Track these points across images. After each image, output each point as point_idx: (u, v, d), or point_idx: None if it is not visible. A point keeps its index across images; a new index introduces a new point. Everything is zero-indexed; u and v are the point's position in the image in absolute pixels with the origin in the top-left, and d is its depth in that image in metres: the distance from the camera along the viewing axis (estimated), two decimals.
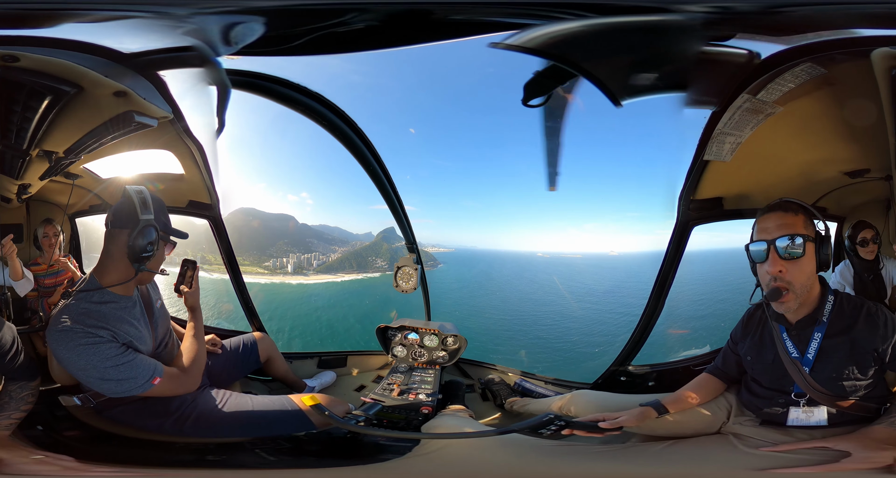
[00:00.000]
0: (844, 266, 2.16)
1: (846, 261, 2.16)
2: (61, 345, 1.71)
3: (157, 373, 1.80)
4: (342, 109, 2.45)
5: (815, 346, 1.70)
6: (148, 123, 1.97)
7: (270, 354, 2.51)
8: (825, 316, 1.70)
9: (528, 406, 2.40)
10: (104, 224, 1.85)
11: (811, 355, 1.70)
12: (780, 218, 1.70)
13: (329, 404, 2.01)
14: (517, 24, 1.82)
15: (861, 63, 1.70)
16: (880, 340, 1.64)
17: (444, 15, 1.80)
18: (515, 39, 1.85)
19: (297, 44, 1.89)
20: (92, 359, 1.71)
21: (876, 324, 1.66)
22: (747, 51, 1.81)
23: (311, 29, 1.82)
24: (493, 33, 1.86)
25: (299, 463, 1.91)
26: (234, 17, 1.76)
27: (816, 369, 1.69)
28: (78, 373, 1.77)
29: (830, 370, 1.67)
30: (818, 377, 1.68)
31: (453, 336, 2.70)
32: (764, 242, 1.70)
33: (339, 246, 3.62)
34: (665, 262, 2.30)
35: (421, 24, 1.85)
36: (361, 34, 1.86)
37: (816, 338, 1.70)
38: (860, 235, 2.11)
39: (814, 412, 1.71)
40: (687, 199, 2.18)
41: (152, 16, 1.68)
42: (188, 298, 2.02)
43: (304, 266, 3.53)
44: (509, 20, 1.83)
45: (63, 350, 1.71)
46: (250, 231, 3.01)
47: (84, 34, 1.72)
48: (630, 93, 1.97)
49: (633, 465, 1.74)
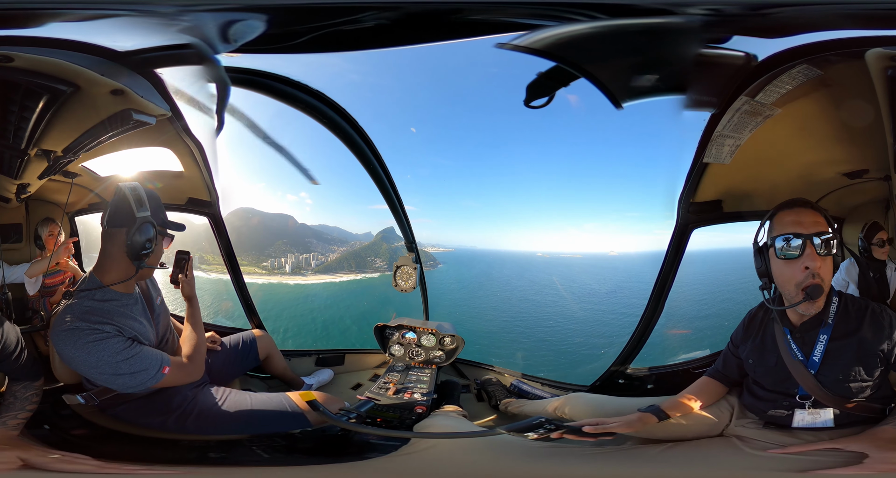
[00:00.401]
0: (850, 264, 2.15)
1: (851, 259, 2.15)
2: (68, 344, 1.72)
3: (165, 362, 1.83)
4: (343, 108, 2.45)
5: (820, 348, 1.67)
6: (146, 120, 1.98)
7: (269, 352, 2.52)
8: (830, 318, 1.68)
9: (523, 408, 2.39)
10: (100, 224, 1.85)
11: (817, 358, 1.68)
12: (812, 215, 1.66)
13: (325, 401, 2.03)
14: (522, 25, 1.82)
15: (856, 64, 1.69)
16: (886, 340, 1.62)
17: (450, 15, 1.79)
18: (522, 40, 1.85)
19: (301, 41, 1.88)
20: (102, 355, 1.72)
21: (881, 325, 1.64)
22: (744, 53, 1.79)
23: (316, 27, 1.82)
24: (498, 34, 1.86)
25: (293, 460, 1.92)
26: (233, 15, 1.76)
27: (823, 372, 1.67)
28: (90, 371, 1.78)
29: (837, 372, 1.65)
30: (825, 380, 1.66)
31: (451, 336, 2.70)
32: (800, 236, 1.64)
33: (339, 246, 3.61)
34: (664, 265, 2.29)
35: (428, 24, 1.84)
36: (367, 33, 1.85)
37: (822, 340, 1.67)
38: (877, 236, 2.10)
39: (820, 414, 1.69)
40: (686, 201, 2.17)
41: (142, 14, 1.68)
42: (184, 288, 2.04)
43: (303, 266, 3.53)
44: (513, 20, 1.82)
45: (71, 349, 1.72)
46: (248, 230, 3.02)
47: (76, 33, 1.73)
48: (630, 95, 1.97)
49: (628, 467, 1.73)
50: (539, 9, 1.75)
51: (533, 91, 2.08)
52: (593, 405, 2.06)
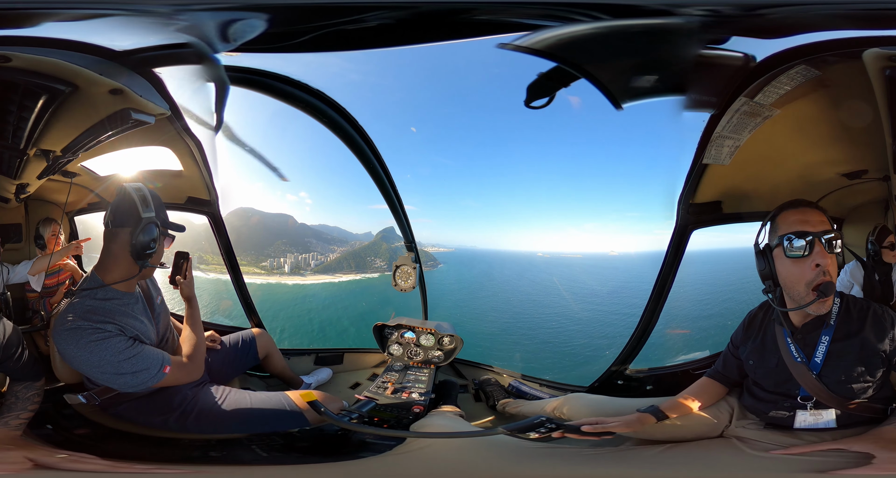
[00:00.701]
0: (855, 266, 2.14)
1: (855, 261, 2.15)
2: (70, 343, 1.72)
3: (166, 361, 1.83)
4: (343, 107, 2.45)
5: (822, 349, 1.67)
6: (145, 120, 1.98)
7: (269, 351, 2.52)
8: (833, 319, 1.68)
9: (521, 408, 2.39)
10: (103, 223, 1.85)
11: (819, 359, 1.67)
12: (817, 214, 1.66)
13: (324, 400, 2.03)
14: (523, 25, 1.82)
15: (854, 64, 1.68)
16: (888, 341, 1.62)
17: (452, 16, 1.79)
18: (524, 41, 1.85)
19: (301, 41, 1.88)
20: (104, 354, 1.72)
21: (884, 326, 1.63)
22: (743, 54, 1.79)
23: (317, 26, 1.82)
24: (501, 34, 1.86)
25: (291, 459, 1.92)
26: (233, 14, 1.76)
27: (825, 373, 1.66)
28: (92, 371, 1.78)
29: (839, 373, 1.65)
30: (827, 381, 1.66)
31: (449, 336, 2.70)
32: (810, 234, 1.63)
33: (339, 246, 3.60)
34: (664, 266, 2.29)
35: (430, 24, 1.84)
36: (369, 33, 1.85)
37: (824, 341, 1.67)
38: (888, 239, 2.08)
39: (822, 415, 1.68)
40: (686, 202, 2.17)
41: (140, 13, 1.68)
42: (184, 288, 2.04)
43: (302, 266, 3.52)
44: (515, 20, 1.82)
45: (73, 348, 1.72)
46: (248, 230, 3.02)
47: (73, 32, 1.73)
48: (630, 95, 1.96)
49: (626, 468, 1.72)
50: (540, 9, 1.75)
51: (534, 91, 2.08)
52: (592, 406, 2.05)
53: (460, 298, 3.86)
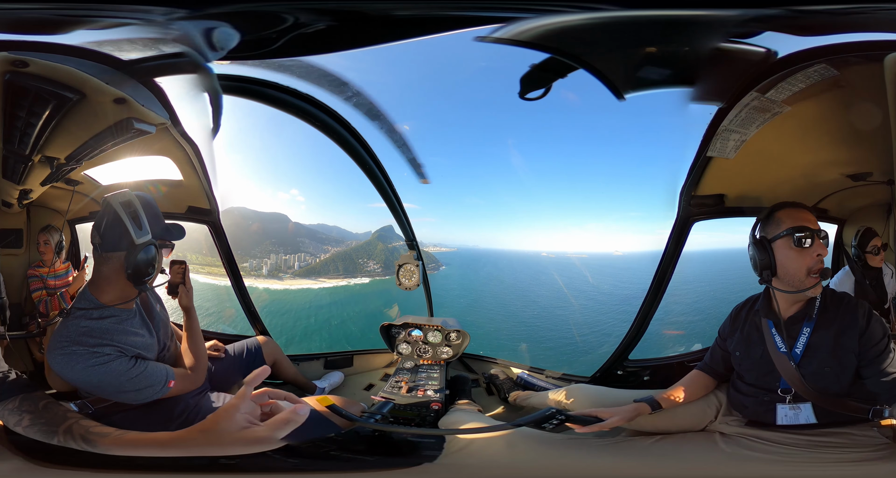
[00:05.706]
0: (845, 274, 2.16)
1: (846, 268, 2.16)
2: (68, 368, 1.65)
3: (170, 376, 1.80)
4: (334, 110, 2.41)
5: (803, 341, 1.75)
6: (147, 129, 1.92)
7: (276, 358, 2.49)
8: (815, 311, 1.76)
9: (529, 399, 2.45)
10: (91, 243, 1.74)
11: (799, 350, 1.75)
12: (812, 215, 1.80)
13: (343, 405, 2.02)
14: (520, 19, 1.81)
15: (872, 67, 1.72)
16: (860, 334, 1.69)
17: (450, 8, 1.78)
18: (503, 33, 1.83)
19: (276, 47, 1.84)
20: (105, 377, 1.67)
21: (856, 315, 1.71)
22: (765, 49, 1.81)
23: (285, 30, 1.78)
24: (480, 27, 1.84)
25: (329, 467, 1.90)
26: (211, 23, 1.72)
27: (803, 364, 1.74)
28: (93, 390, 1.73)
29: (817, 364, 1.72)
30: (804, 371, 1.73)
31: (456, 331, 2.74)
32: (811, 229, 1.76)
33: (334, 246, 3.45)
34: (664, 257, 2.31)
35: (427, 17, 1.82)
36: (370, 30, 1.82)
37: (805, 332, 1.75)
38: (871, 243, 2.09)
39: (801, 409, 1.75)
40: (688, 194, 2.19)
41: (142, 23, 1.63)
42: (182, 298, 1.99)
43: (282, 268, 3.30)
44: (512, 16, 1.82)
45: (71, 372, 1.66)
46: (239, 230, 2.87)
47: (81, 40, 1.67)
48: (634, 86, 1.96)
49: (622, 459, 1.78)
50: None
51: (527, 83, 2.06)
52: (594, 396, 2.12)
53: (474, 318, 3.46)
